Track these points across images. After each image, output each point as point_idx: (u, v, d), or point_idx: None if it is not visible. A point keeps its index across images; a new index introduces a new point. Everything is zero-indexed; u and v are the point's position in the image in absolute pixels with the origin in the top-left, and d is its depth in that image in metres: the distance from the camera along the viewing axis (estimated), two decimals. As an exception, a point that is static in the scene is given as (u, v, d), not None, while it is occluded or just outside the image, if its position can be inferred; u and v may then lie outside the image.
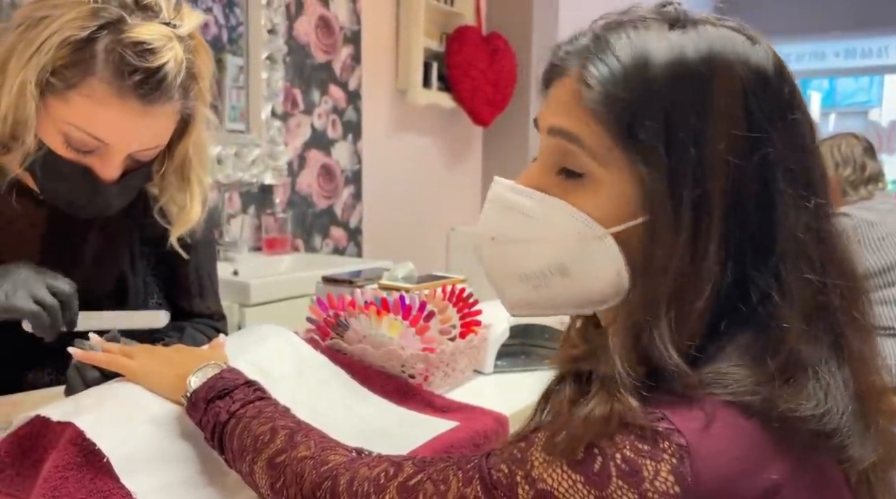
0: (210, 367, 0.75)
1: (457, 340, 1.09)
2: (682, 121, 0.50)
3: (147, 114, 0.85)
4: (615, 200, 0.53)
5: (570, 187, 0.55)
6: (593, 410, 0.49)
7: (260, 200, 2.46)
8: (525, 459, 0.50)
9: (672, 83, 0.51)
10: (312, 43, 2.62)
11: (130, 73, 0.82)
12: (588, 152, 0.53)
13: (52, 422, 0.72)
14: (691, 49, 0.52)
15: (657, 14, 0.55)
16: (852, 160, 2.27)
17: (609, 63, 0.52)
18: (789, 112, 0.53)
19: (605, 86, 0.52)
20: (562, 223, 0.55)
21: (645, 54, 0.52)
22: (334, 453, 0.61)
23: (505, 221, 0.58)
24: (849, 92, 6.49)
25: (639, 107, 0.51)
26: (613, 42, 0.53)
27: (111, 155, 0.87)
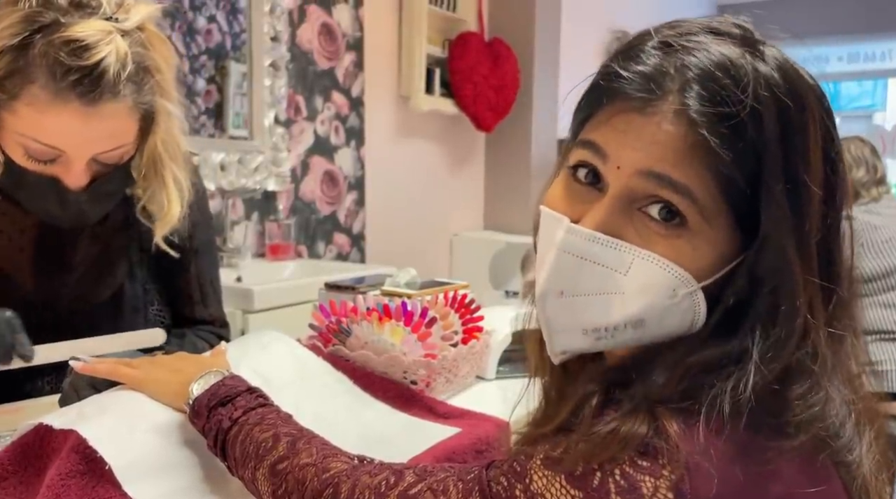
0: (212, 374, 0.75)
1: (459, 346, 1.09)
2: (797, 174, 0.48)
3: (93, 114, 0.82)
4: (712, 254, 0.50)
5: (656, 235, 0.51)
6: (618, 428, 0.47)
7: (263, 207, 2.46)
8: (524, 472, 0.49)
9: (781, 127, 0.48)
10: (315, 50, 2.63)
11: (64, 73, 0.79)
12: (697, 207, 0.49)
13: (54, 430, 0.72)
14: (781, 84, 0.49)
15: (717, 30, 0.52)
16: (864, 161, 2.27)
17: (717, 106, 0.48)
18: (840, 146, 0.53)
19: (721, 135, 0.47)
20: (650, 277, 0.50)
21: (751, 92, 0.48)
22: (336, 460, 0.61)
23: (579, 274, 0.52)
24: (853, 96, 6.48)
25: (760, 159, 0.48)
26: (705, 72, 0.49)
27: (71, 162, 0.84)
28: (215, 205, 2.29)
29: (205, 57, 2.28)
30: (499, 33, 3.32)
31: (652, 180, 0.50)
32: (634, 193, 0.51)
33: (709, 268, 0.51)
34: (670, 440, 0.46)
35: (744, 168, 0.48)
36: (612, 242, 0.51)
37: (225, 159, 2.30)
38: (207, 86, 2.30)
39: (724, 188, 0.49)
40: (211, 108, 2.32)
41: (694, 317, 0.52)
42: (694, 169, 0.49)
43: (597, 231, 0.51)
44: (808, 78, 0.52)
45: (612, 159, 0.52)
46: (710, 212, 0.49)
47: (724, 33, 0.52)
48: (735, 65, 0.49)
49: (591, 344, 0.55)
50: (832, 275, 0.52)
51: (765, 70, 0.49)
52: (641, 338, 0.53)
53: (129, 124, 0.87)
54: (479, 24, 3.28)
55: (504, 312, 1.25)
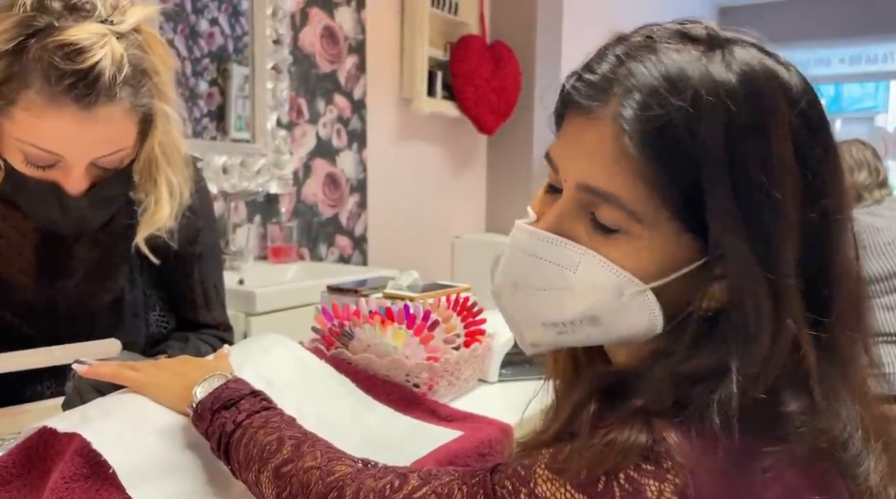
0: (215, 377, 0.75)
1: (461, 349, 1.09)
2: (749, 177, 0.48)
3: (90, 118, 0.81)
4: (658, 257, 0.51)
5: (603, 238, 0.52)
6: (616, 438, 0.47)
7: (265, 209, 2.47)
8: (529, 476, 0.50)
9: (727, 132, 0.48)
10: (317, 53, 2.63)
11: (59, 77, 0.78)
12: (629, 214, 0.50)
13: (58, 433, 0.72)
14: (738, 84, 0.48)
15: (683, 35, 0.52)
16: (866, 163, 2.27)
17: (651, 111, 0.48)
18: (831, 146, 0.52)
19: (651, 142, 0.48)
20: (597, 277, 0.52)
21: (692, 95, 0.48)
22: (340, 463, 0.62)
23: (530, 270, 0.55)
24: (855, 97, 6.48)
25: (695, 165, 0.48)
26: (648, 77, 0.49)
27: (70, 167, 0.84)
28: (217, 207, 2.30)
29: (207, 60, 2.28)
30: (500, 36, 3.32)
31: (587, 193, 0.52)
32: (579, 203, 0.53)
33: (656, 270, 0.51)
34: (673, 446, 0.46)
35: (679, 173, 0.48)
36: (560, 241, 0.54)
37: (227, 162, 2.30)
38: (209, 88, 2.31)
39: (661, 194, 0.49)
40: (213, 111, 2.33)
41: (650, 317, 0.53)
42: (624, 177, 0.50)
43: (548, 230, 0.54)
44: (782, 78, 0.51)
45: (561, 173, 0.55)
46: (646, 218, 0.50)
47: (690, 37, 0.52)
48: (680, 70, 0.49)
49: (555, 338, 0.57)
50: (826, 284, 0.51)
51: (718, 73, 0.49)
52: (605, 335, 0.55)
53: (127, 128, 0.86)
54: (481, 27, 3.28)
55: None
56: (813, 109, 0.51)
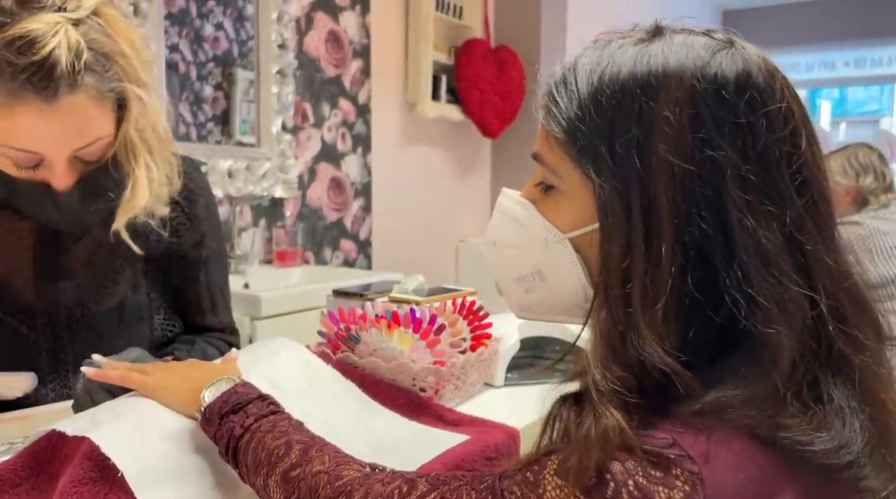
0: (224, 381, 0.75)
1: (467, 353, 1.09)
2: (623, 130, 0.53)
3: (54, 110, 0.79)
4: (573, 209, 0.58)
5: (542, 199, 0.61)
6: (589, 429, 0.49)
7: (270, 213, 2.47)
8: (538, 483, 0.50)
9: (616, 97, 0.54)
10: (322, 57, 2.64)
11: (14, 73, 0.76)
12: (548, 169, 0.59)
13: (67, 436, 0.72)
14: (642, 63, 0.54)
15: (642, 31, 0.58)
16: (872, 168, 2.26)
17: (567, 88, 0.57)
18: (751, 118, 0.52)
19: (560, 108, 0.57)
20: (536, 230, 0.61)
21: (597, 74, 0.56)
22: (348, 468, 0.62)
23: (504, 228, 0.65)
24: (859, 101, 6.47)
25: (585, 122, 0.55)
26: (578, 67, 0.58)
27: (52, 163, 0.83)
28: (222, 211, 2.30)
29: (212, 64, 2.29)
30: (505, 40, 3.33)
31: (535, 159, 0.62)
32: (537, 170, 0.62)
33: (573, 220, 0.58)
34: (683, 451, 0.46)
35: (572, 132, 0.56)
36: (521, 202, 0.63)
37: (232, 166, 2.31)
38: (214, 93, 2.32)
39: (562, 148, 0.57)
40: (218, 115, 2.33)
41: (573, 268, 0.59)
42: (541, 140, 0.60)
43: (522, 196, 0.63)
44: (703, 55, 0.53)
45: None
46: (555, 169, 0.58)
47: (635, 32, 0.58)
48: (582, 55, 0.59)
49: (524, 295, 0.65)
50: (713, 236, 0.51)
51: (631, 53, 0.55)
52: (552, 291, 0.62)
53: (98, 115, 0.83)
54: (486, 31, 3.28)
55: (512, 319, 1.25)
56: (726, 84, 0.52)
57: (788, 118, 0.53)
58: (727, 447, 0.47)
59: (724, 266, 0.51)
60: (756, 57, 0.55)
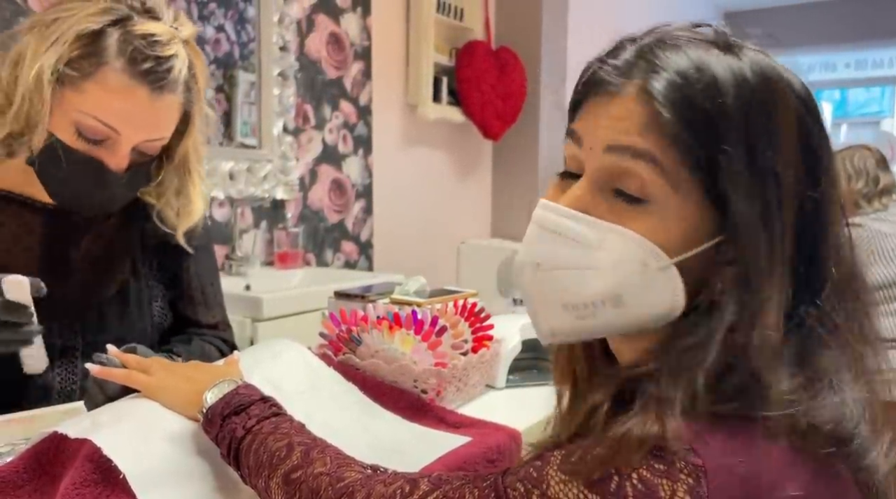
0: (226, 383, 0.75)
1: (469, 355, 1.09)
2: (760, 147, 0.50)
3: (155, 102, 0.90)
4: (683, 227, 0.51)
5: (627, 212, 0.52)
6: (631, 429, 0.48)
7: (272, 215, 2.47)
8: (541, 478, 0.49)
9: (744, 108, 0.50)
10: (323, 59, 2.64)
11: (142, 60, 0.88)
12: (663, 175, 0.51)
13: (69, 438, 0.72)
14: (750, 74, 0.51)
15: (695, 33, 0.55)
16: (865, 173, 2.26)
17: (678, 83, 0.51)
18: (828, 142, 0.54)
19: (680, 107, 0.50)
20: (622, 252, 0.52)
21: (712, 75, 0.51)
22: (350, 469, 0.62)
23: (553, 247, 0.55)
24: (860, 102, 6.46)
25: (718, 131, 0.50)
26: (673, 60, 0.52)
27: (120, 144, 0.91)
28: (224, 213, 2.31)
29: (213, 66, 2.29)
30: (506, 42, 3.33)
31: (619, 153, 0.52)
32: (607, 171, 0.53)
33: (680, 243, 0.52)
34: (686, 444, 0.46)
35: (704, 138, 0.50)
36: (584, 218, 0.53)
37: (234, 168, 2.31)
38: (216, 95, 2.32)
39: (687, 160, 0.50)
40: (219, 117, 2.34)
41: (673, 295, 0.52)
42: (655, 138, 0.51)
43: (571, 207, 0.54)
44: (788, 76, 0.54)
45: (585, 142, 0.55)
46: (675, 180, 0.51)
47: (701, 36, 0.54)
48: (700, 58, 0.52)
49: (574, 323, 0.55)
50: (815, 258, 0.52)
51: (735, 64, 0.52)
52: (624, 317, 0.54)
53: (174, 118, 0.96)
54: (486, 33, 3.29)
55: (514, 320, 1.26)
56: (814, 104, 0.54)
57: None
58: (730, 438, 0.47)
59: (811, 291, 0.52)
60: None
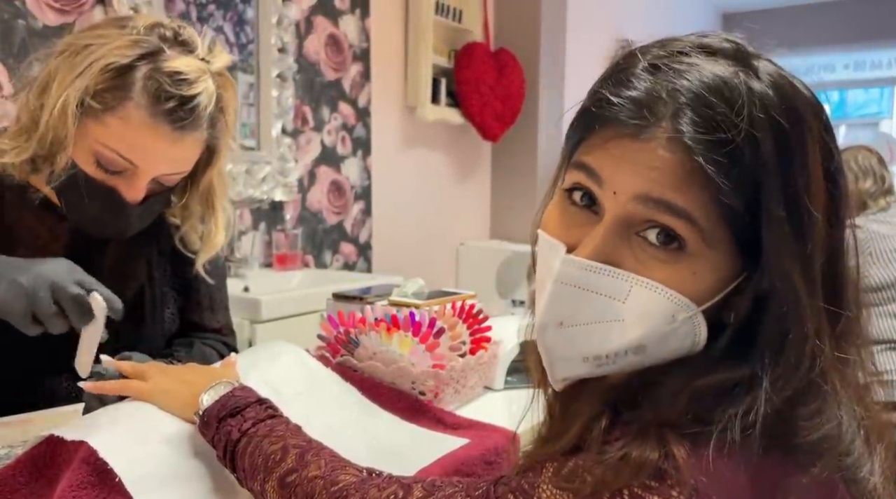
0: (222, 384, 0.75)
1: (467, 357, 1.09)
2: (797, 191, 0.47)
3: (178, 140, 0.90)
4: (712, 277, 0.50)
5: (654, 260, 0.50)
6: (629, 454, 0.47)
7: (270, 217, 2.47)
8: (532, 491, 0.49)
9: (778, 149, 0.47)
10: (322, 61, 2.64)
11: (166, 99, 0.87)
12: (698, 231, 0.48)
13: (65, 441, 0.72)
14: (777, 100, 0.48)
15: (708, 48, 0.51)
16: (871, 171, 2.26)
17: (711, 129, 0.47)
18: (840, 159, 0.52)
19: (716, 157, 0.46)
20: (649, 304, 0.50)
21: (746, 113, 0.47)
22: (345, 472, 0.62)
23: (577, 304, 0.52)
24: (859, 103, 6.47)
25: (757, 181, 0.47)
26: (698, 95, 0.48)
27: (138, 177, 0.91)
28: (223, 215, 2.30)
29: (213, 68, 2.29)
30: (504, 43, 3.33)
31: (650, 206, 0.49)
32: (632, 219, 0.50)
33: (708, 291, 0.50)
34: (679, 462, 0.46)
35: (742, 192, 0.47)
36: (609, 271, 0.50)
37: (232, 170, 2.31)
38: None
39: (724, 212, 0.48)
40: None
41: (694, 339, 0.51)
42: (692, 194, 0.48)
43: (593, 259, 0.51)
44: (804, 91, 0.51)
45: (607, 184, 0.51)
46: (710, 236, 0.48)
47: (715, 50, 0.51)
48: (728, 86, 0.48)
49: (592, 370, 0.54)
50: (838, 296, 0.51)
51: (759, 88, 0.48)
52: (643, 362, 0.52)
53: (197, 154, 0.95)
54: (485, 35, 3.29)
55: (512, 322, 1.25)
56: (827, 119, 0.51)
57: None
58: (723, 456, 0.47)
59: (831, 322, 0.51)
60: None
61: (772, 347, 0.48)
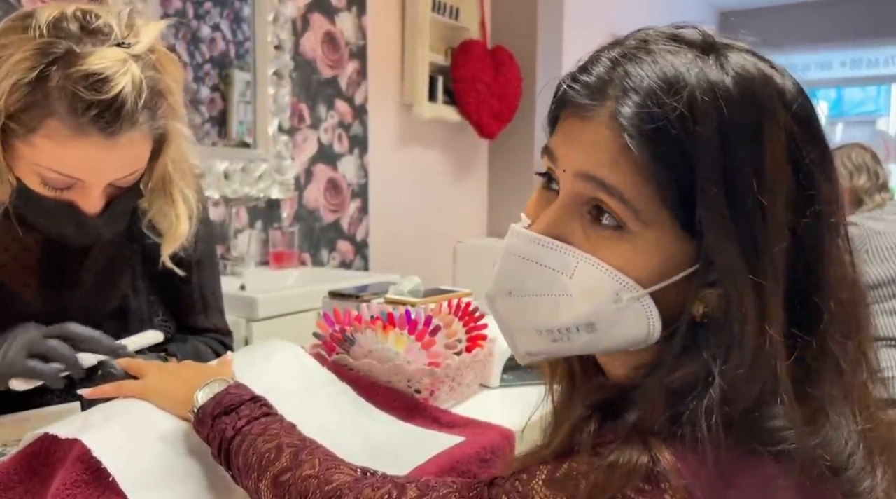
0: (217, 382, 0.75)
1: (463, 355, 1.09)
2: (740, 179, 0.47)
3: (113, 145, 0.81)
4: (657, 258, 0.50)
5: (602, 239, 0.51)
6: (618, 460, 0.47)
7: (267, 215, 2.47)
8: (526, 493, 0.49)
9: (723, 135, 0.47)
10: (319, 58, 2.64)
11: (86, 109, 0.77)
12: (630, 210, 0.49)
13: (59, 439, 0.72)
14: (734, 88, 0.48)
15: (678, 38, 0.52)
16: (866, 167, 2.26)
17: (649, 110, 0.48)
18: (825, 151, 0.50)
19: (651, 139, 0.47)
20: (594, 282, 0.50)
21: (689, 96, 0.47)
22: (339, 471, 0.61)
23: (525, 275, 0.53)
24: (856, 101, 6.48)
25: (692, 165, 0.47)
26: (646, 79, 0.49)
27: (89, 189, 0.84)
28: (219, 213, 2.30)
29: (209, 65, 2.29)
30: (501, 41, 3.33)
31: (589, 182, 0.50)
32: (580, 197, 0.51)
33: (655, 274, 0.50)
34: (670, 466, 0.46)
35: (676, 171, 0.47)
36: (555, 245, 0.52)
37: (229, 167, 2.30)
38: (211, 94, 2.31)
39: (660, 193, 0.48)
40: (215, 117, 2.33)
41: (648, 323, 0.51)
42: (624, 172, 0.49)
43: (544, 234, 0.52)
44: (776, 82, 0.50)
45: (560, 163, 0.53)
46: (646, 215, 0.49)
47: (683, 40, 0.51)
48: (678, 72, 0.48)
49: (549, 345, 0.55)
50: (816, 290, 0.50)
51: (713, 76, 0.48)
52: (599, 342, 0.53)
53: (144, 150, 0.87)
54: (482, 32, 3.29)
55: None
56: (807, 113, 0.50)
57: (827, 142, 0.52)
58: (717, 460, 0.46)
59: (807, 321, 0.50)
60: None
61: (721, 338, 0.48)
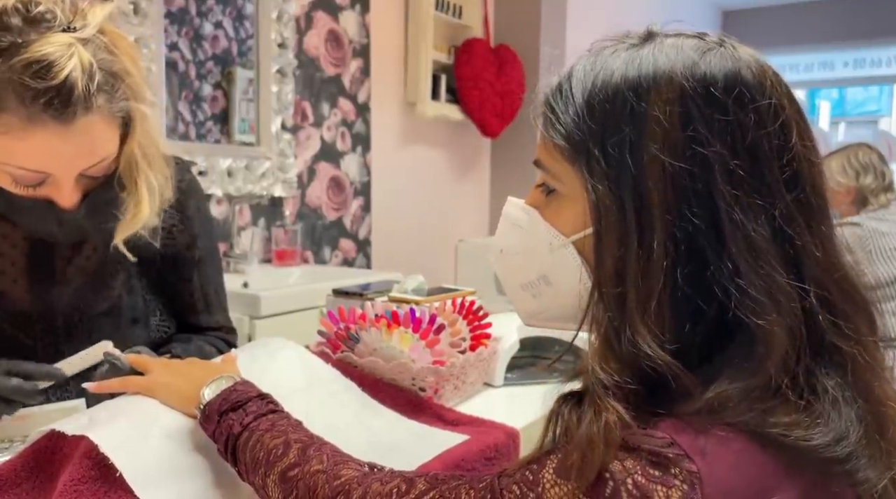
0: (224, 379, 0.75)
1: (467, 353, 1.09)
2: (615, 131, 0.54)
3: (71, 132, 0.79)
4: (574, 212, 0.58)
5: (545, 203, 0.62)
6: (590, 426, 0.49)
7: (270, 213, 2.47)
8: (537, 481, 0.50)
9: (608, 100, 0.55)
10: (322, 56, 2.64)
11: (34, 97, 0.76)
12: (551, 176, 0.60)
13: (66, 436, 0.72)
14: (633, 66, 0.55)
15: (635, 37, 0.59)
16: (872, 167, 2.27)
17: (563, 95, 0.58)
18: (740, 115, 0.52)
19: (557, 115, 0.58)
20: (540, 235, 0.61)
21: (591, 80, 0.57)
22: (347, 467, 0.62)
23: (510, 236, 0.65)
24: (858, 101, 6.48)
25: (580, 126, 0.56)
26: (573, 74, 0.58)
27: (59, 182, 0.83)
28: (222, 211, 2.30)
29: (211, 63, 2.29)
30: (504, 40, 3.33)
31: (537, 165, 0.62)
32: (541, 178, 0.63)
33: (573, 225, 0.59)
34: (682, 450, 0.47)
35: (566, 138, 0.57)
36: (525, 208, 0.63)
37: (232, 165, 2.31)
38: (214, 92, 2.31)
39: (563, 155, 0.58)
40: (217, 114, 2.33)
41: (578, 272, 0.59)
42: (542, 148, 0.61)
43: (526, 203, 0.64)
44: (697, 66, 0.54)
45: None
46: (557, 176, 0.59)
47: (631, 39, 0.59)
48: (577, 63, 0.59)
49: (531, 302, 0.64)
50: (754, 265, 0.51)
51: (610, 62, 0.57)
52: (559, 296, 0.61)
53: (108, 134, 0.84)
54: (485, 31, 3.29)
55: (512, 318, 1.25)
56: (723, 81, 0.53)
57: (778, 113, 0.53)
58: (725, 446, 0.47)
59: (715, 260, 0.51)
60: (747, 56, 0.55)
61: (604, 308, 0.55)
